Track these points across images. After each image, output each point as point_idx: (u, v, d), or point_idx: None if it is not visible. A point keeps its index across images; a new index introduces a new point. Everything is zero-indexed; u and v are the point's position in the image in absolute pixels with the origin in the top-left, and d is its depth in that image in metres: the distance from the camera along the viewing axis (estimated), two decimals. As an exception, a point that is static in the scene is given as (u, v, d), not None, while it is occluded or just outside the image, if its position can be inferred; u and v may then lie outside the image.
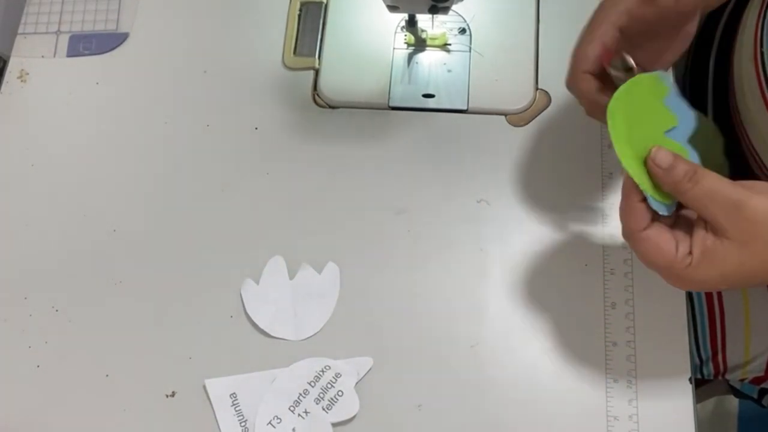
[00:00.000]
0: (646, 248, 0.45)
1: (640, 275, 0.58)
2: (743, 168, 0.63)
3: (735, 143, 0.64)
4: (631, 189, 0.46)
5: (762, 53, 0.56)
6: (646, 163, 0.46)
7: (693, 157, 0.48)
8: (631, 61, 0.49)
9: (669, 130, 0.47)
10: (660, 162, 0.45)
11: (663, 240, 0.45)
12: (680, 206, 0.47)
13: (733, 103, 0.63)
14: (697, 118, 0.49)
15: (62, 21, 0.72)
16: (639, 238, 0.46)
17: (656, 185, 0.46)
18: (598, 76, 0.50)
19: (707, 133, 0.50)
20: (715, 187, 0.44)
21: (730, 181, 0.44)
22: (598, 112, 0.51)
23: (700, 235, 0.44)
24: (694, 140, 0.48)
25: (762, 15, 0.57)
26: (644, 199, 0.46)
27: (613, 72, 0.49)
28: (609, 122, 0.47)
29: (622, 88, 0.47)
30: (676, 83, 0.64)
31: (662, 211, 0.46)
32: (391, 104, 0.65)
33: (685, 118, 0.48)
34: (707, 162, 0.47)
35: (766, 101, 0.56)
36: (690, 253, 0.44)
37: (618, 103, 0.47)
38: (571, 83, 0.52)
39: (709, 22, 0.72)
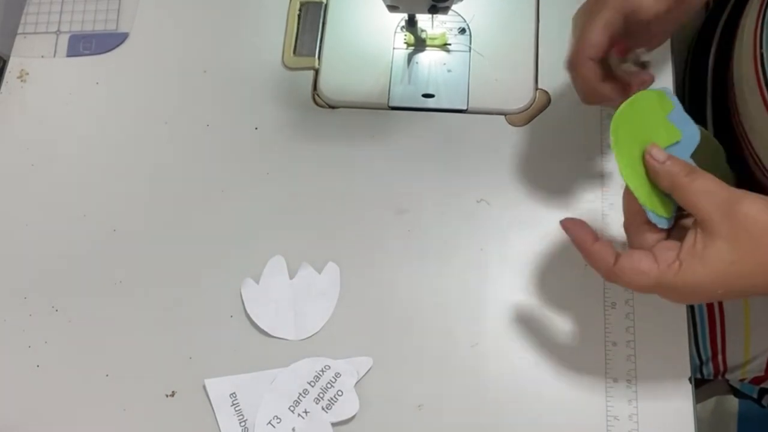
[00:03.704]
0: (629, 277, 0.45)
1: (640, 275, 0.58)
2: (742, 168, 0.63)
3: (734, 143, 0.64)
4: (582, 238, 0.47)
5: (762, 54, 0.56)
6: (643, 158, 0.46)
7: None
8: (647, 57, 0.48)
9: (672, 145, 0.48)
10: (656, 155, 0.46)
11: (638, 261, 0.45)
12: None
13: (732, 103, 0.63)
14: (700, 133, 0.49)
15: (62, 21, 0.72)
16: (615, 274, 0.45)
17: (654, 195, 0.46)
18: (599, 63, 0.50)
19: (709, 147, 0.50)
20: (711, 186, 0.44)
21: (726, 184, 0.44)
22: (595, 98, 0.51)
23: (689, 241, 0.44)
24: (697, 155, 0.48)
25: (761, 16, 0.57)
26: (597, 240, 0.46)
27: (627, 67, 0.48)
28: (612, 137, 0.47)
29: (625, 103, 0.48)
30: (676, 84, 0.64)
31: (661, 224, 0.46)
32: (391, 104, 0.65)
33: (689, 133, 0.48)
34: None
35: (765, 102, 0.56)
36: (677, 259, 0.44)
37: (621, 118, 0.47)
38: (574, 68, 0.51)
39: (708, 22, 0.72)
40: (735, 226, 0.43)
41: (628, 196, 0.47)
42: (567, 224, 0.48)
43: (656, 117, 0.48)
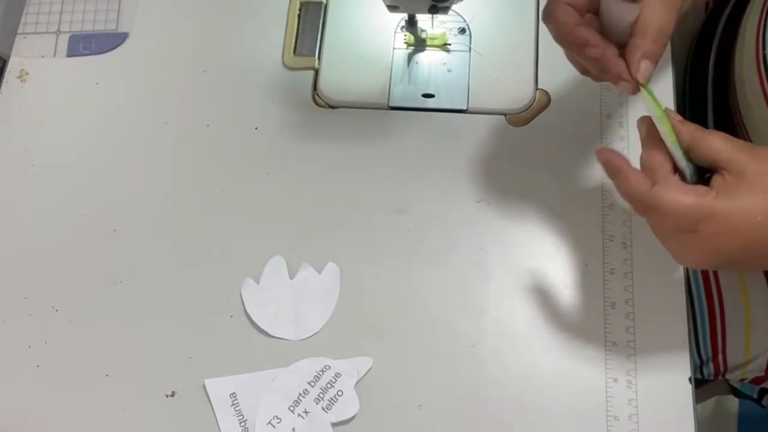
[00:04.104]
0: (668, 199, 0.44)
1: (640, 275, 0.58)
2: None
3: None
4: (619, 163, 0.46)
5: (764, 55, 0.56)
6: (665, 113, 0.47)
7: None
8: None
9: None
10: (676, 116, 0.46)
11: (677, 187, 0.44)
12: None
13: (733, 103, 0.64)
14: None
15: (62, 21, 0.72)
16: (653, 196, 0.45)
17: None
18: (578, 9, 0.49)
19: None
20: (729, 136, 0.45)
21: None
22: (573, 42, 0.49)
23: (719, 179, 0.44)
24: None
25: (763, 16, 0.57)
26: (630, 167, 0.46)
27: None
28: (645, 94, 0.47)
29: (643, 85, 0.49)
30: (677, 86, 0.65)
31: (688, 172, 0.46)
32: (391, 104, 0.65)
33: None
34: None
35: None
36: (713, 188, 0.44)
37: (647, 88, 0.48)
38: (549, 13, 0.49)
39: (709, 23, 0.72)
40: (762, 162, 0.44)
41: (651, 144, 0.47)
42: (603, 152, 0.47)
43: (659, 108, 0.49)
